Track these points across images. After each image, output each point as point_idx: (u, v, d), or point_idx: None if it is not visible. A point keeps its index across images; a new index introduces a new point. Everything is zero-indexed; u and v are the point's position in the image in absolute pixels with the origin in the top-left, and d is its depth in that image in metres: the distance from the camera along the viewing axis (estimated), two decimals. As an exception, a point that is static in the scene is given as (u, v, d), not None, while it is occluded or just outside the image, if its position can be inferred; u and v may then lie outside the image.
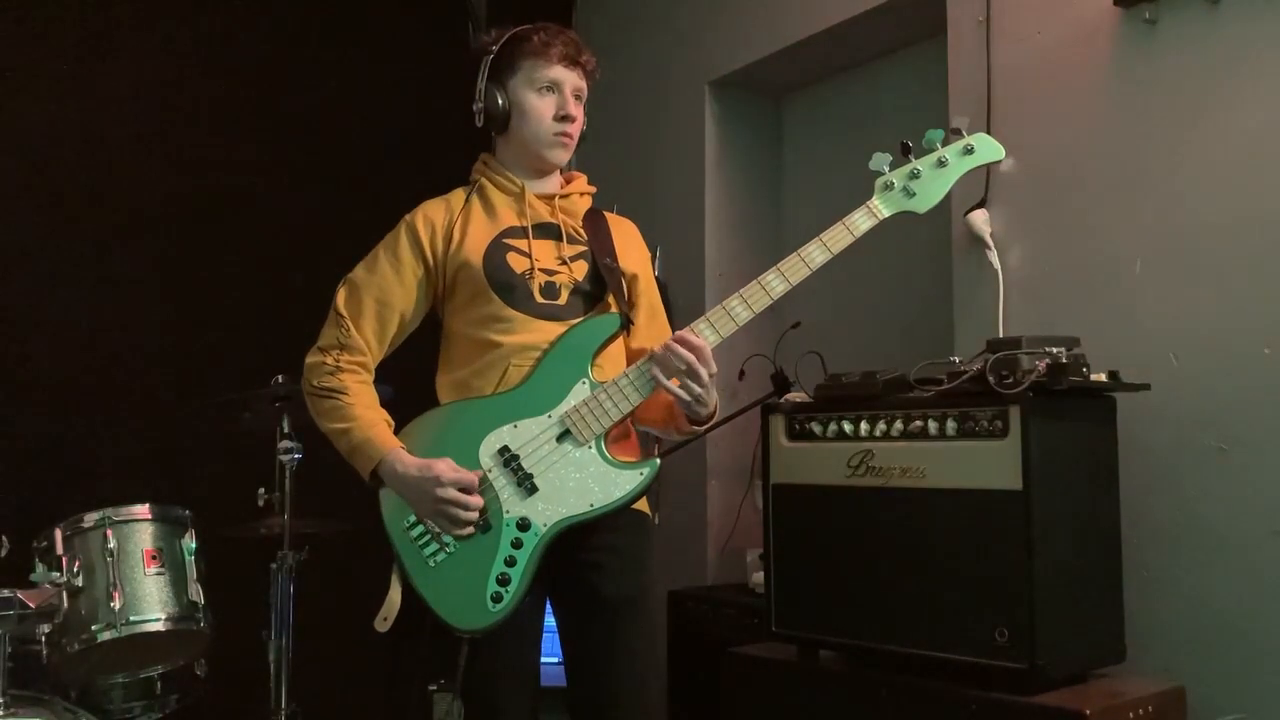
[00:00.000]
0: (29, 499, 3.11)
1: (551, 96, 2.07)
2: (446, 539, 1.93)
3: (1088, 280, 2.65)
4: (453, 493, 1.89)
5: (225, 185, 3.72)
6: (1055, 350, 2.20)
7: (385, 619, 1.94)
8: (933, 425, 2.30)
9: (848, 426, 2.45)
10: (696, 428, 2.09)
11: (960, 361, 2.35)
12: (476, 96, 2.08)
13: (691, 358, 1.92)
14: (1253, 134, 2.39)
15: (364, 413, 1.99)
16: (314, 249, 3.81)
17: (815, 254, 1.98)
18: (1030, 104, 2.79)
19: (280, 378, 2.93)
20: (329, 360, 2.03)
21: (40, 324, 3.44)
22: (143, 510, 2.76)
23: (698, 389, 1.95)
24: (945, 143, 2.05)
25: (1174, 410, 2.44)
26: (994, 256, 2.83)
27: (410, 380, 2.19)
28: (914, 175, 2.03)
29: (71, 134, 3.48)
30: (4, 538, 2.43)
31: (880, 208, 2.01)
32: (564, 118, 2.07)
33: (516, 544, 1.92)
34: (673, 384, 1.95)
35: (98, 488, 3.02)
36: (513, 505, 1.94)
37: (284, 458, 2.90)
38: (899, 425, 2.36)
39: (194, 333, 3.62)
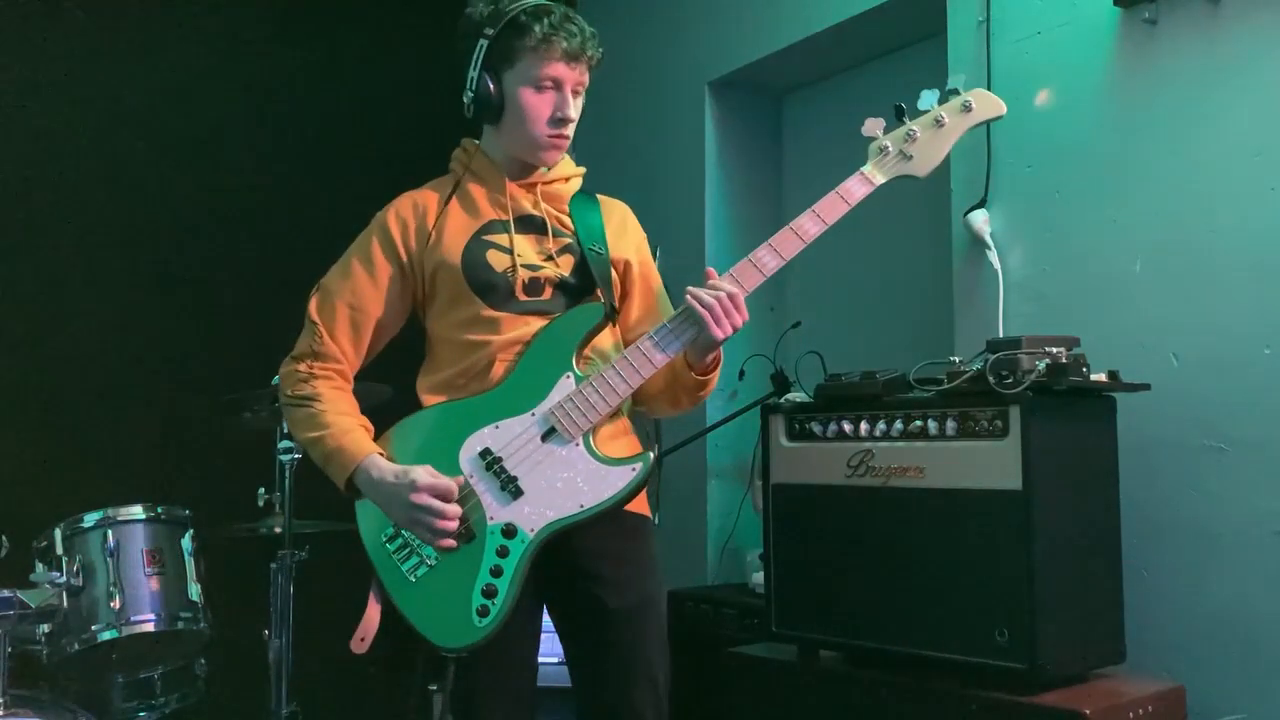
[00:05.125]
0: (29, 499, 3.11)
1: (550, 94, 1.92)
2: (427, 552, 1.82)
3: (1088, 280, 2.65)
4: (428, 499, 1.78)
5: (224, 184, 3.72)
6: (1055, 350, 2.19)
7: (363, 639, 1.85)
8: (933, 425, 2.30)
9: (848, 426, 2.45)
10: (700, 377, 1.95)
11: (960, 361, 2.35)
12: (467, 85, 1.92)
13: (725, 293, 1.82)
14: (1253, 133, 2.38)
15: (337, 419, 1.89)
16: (315, 249, 3.80)
17: (809, 226, 1.87)
18: (1030, 104, 2.79)
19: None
20: (302, 368, 1.94)
21: (41, 324, 3.44)
22: (142, 510, 2.76)
23: (730, 329, 1.82)
24: (941, 102, 1.95)
25: (1174, 410, 2.44)
26: (994, 256, 2.83)
27: (408, 382, 2.15)
28: (909, 137, 1.92)
29: (73, 135, 3.49)
30: (4, 538, 2.43)
31: (874, 173, 1.91)
32: (561, 120, 1.93)
33: (502, 552, 1.80)
34: (707, 316, 1.81)
35: (98, 488, 3.02)
36: (496, 511, 1.82)
37: (284, 458, 2.89)
38: (899, 425, 2.35)
39: (194, 333, 3.62)
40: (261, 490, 2.92)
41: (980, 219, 2.84)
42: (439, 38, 4.19)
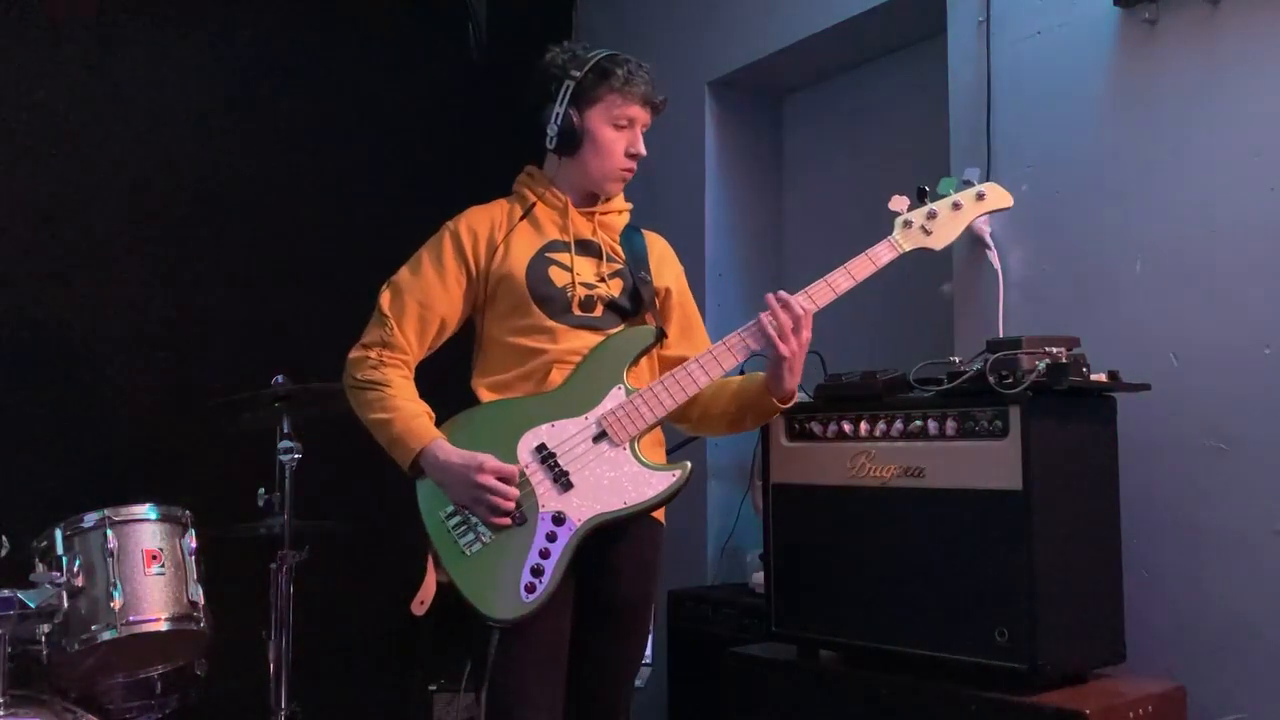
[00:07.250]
0: (29, 499, 3.11)
1: (625, 132, 2.17)
2: (483, 530, 1.99)
3: (1088, 280, 2.65)
4: (493, 481, 1.96)
5: (225, 185, 3.72)
6: (1055, 350, 2.20)
7: (422, 603, 2.07)
8: (933, 425, 2.30)
9: (848, 426, 2.45)
10: (780, 404, 2.13)
11: (960, 361, 2.35)
12: (552, 119, 2.14)
13: (801, 313, 2.04)
14: (1253, 134, 2.39)
15: (406, 404, 2.08)
16: (315, 249, 3.82)
17: (840, 281, 2.11)
18: (1030, 104, 2.79)
19: (280, 378, 2.92)
20: (372, 355, 2.12)
21: (39, 323, 3.43)
22: (143, 510, 2.75)
23: (796, 347, 2.05)
24: (958, 189, 2.20)
25: (1174, 410, 2.44)
26: (994, 256, 2.83)
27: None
28: (931, 216, 2.16)
29: (73, 132, 3.48)
30: (4, 538, 2.43)
31: (901, 243, 2.14)
32: (634, 155, 2.18)
33: (551, 537, 1.99)
34: (778, 338, 2.04)
35: (98, 488, 3.01)
36: (549, 500, 2.01)
37: (284, 458, 2.90)
38: (899, 425, 2.36)
39: (194, 333, 3.61)
40: (261, 490, 2.91)
41: (980, 219, 2.84)
42: (441, 42, 4.21)
